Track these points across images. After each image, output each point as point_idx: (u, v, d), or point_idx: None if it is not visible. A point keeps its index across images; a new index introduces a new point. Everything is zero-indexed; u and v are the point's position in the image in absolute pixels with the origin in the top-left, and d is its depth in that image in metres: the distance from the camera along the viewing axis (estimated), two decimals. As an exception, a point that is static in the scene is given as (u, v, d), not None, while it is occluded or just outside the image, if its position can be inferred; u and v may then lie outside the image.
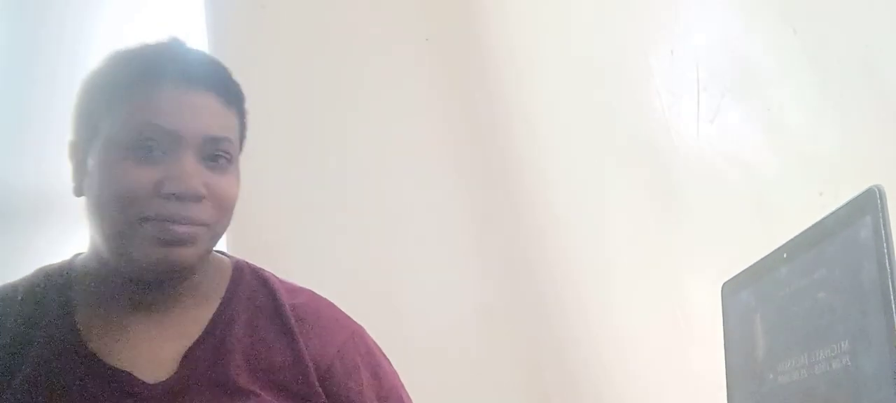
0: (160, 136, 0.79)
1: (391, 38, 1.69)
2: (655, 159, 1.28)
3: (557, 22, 1.50)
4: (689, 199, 1.21)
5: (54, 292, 0.86)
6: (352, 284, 1.18)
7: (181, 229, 0.79)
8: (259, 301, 0.92)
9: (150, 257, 0.79)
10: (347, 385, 0.91)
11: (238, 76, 0.91)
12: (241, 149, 0.90)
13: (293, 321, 0.91)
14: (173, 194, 0.79)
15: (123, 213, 0.79)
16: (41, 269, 0.89)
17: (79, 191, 0.84)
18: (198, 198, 0.80)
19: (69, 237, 0.99)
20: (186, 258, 0.81)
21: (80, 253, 0.91)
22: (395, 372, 0.98)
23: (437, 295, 1.55)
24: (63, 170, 0.87)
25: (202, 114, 0.82)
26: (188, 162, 0.80)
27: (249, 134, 0.94)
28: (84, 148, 0.83)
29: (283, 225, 1.52)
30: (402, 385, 0.98)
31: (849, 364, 0.49)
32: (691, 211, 1.21)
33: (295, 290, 0.96)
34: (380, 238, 1.57)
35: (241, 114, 0.89)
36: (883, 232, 0.47)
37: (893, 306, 0.45)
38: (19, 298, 0.86)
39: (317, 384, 0.89)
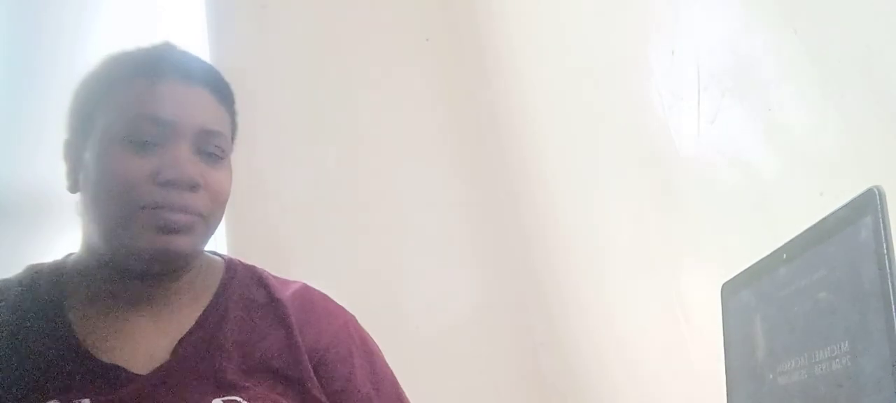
0: (157, 127, 0.82)
1: (391, 37, 1.69)
2: (656, 159, 1.27)
3: (557, 21, 1.50)
4: (690, 199, 1.21)
5: (46, 289, 0.87)
6: (351, 283, 1.17)
7: (178, 217, 0.81)
8: (252, 295, 0.93)
9: (149, 245, 0.81)
10: (340, 372, 0.92)
11: (238, 75, 0.93)
12: (232, 148, 0.91)
13: (288, 310, 0.92)
14: (170, 181, 0.80)
15: (121, 202, 0.80)
16: (31, 267, 0.91)
17: (74, 188, 0.86)
18: (194, 187, 0.82)
19: (65, 236, 0.99)
20: (183, 247, 0.82)
21: (71, 254, 0.91)
22: (386, 362, 1.00)
23: (436, 295, 1.55)
24: (59, 169, 0.88)
25: (197, 108, 0.85)
26: (183, 151, 0.82)
27: (249, 133, 0.94)
28: (80, 145, 0.85)
29: (282, 225, 1.52)
30: (393, 374, 0.99)
31: (849, 364, 0.49)
32: (691, 211, 1.20)
33: (288, 283, 0.98)
34: (379, 237, 1.57)
35: (233, 114, 0.91)
36: (883, 232, 0.47)
37: (893, 306, 0.44)
38: (11, 294, 0.86)
39: (311, 370, 0.90)
